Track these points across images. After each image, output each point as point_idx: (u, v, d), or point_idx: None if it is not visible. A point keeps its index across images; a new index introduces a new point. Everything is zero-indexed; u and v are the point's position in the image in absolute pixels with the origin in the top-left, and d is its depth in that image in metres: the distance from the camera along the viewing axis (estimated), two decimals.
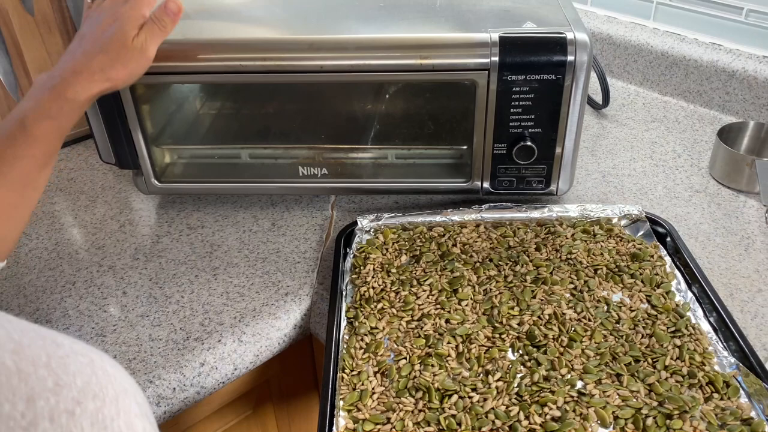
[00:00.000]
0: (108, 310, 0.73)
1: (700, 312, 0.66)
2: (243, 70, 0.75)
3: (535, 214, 0.80)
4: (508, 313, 0.66)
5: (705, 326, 0.65)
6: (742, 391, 0.58)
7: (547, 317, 0.66)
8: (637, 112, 1.09)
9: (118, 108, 0.78)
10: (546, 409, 0.57)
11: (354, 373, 0.61)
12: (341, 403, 0.58)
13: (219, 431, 0.76)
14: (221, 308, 0.73)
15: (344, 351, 0.64)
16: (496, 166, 0.80)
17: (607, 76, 1.08)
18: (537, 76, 0.73)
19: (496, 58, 0.72)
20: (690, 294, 0.68)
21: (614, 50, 1.17)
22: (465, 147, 0.83)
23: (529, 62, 0.72)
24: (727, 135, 0.92)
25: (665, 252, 0.74)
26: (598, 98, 1.08)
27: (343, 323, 0.67)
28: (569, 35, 0.72)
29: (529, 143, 0.77)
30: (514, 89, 0.74)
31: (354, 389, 0.60)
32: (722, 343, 0.63)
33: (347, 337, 0.65)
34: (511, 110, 0.75)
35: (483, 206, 0.80)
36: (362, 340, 0.65)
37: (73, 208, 0.91)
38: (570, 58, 0.72)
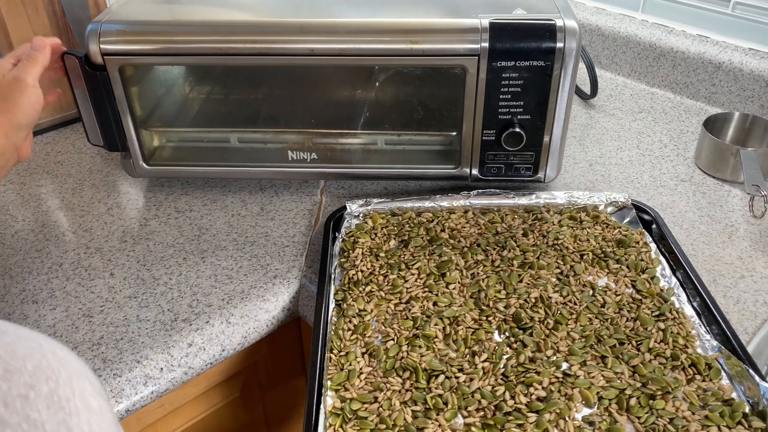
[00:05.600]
0: (95, 291, 0.73)
1: (683, 297, 0.67)
2: (233, 52, 0.75)
3: (523, 200, 0.80)
4: (495, 296, 0.67)
5: (688, 311, 0.66)
6: (723, 373, 0.59)
7: (533, 300, 0.66)
8: (624, 102, 1.10)
9: (107, 90, 0.78)
10: (531, 390, 0.57)
11: (342, 353, 0.62)
12: (329, 383, 0.59)
13: (206, 413, 0.77)
14: (209, 290, 0.73)
15: (332, 332, 0.64)
16: (484, 153, 0.81)
17: (596, 67, 1.08)
18: (526, 62, 0.73)
19: (486, 44, 0.72)
20: (674, 279, 0.69)
21: (603, 41, 1.18)
22: (454, 133, 0.83)
23: (519, 48, 0.72)
24: (713, 125, 0.93)
25: (650, 238, 0.75)
26: (587, 89, 1.09)
27: (332, 305, 0.67)
28: (559, 22, 0.73)
29: (517, 130, 0.77)
30: (503, 75, 0.74)
31: (342, 369, 0.60)
32: (705, 327, 0.64)
33: (335, 319, 0.66)
34: (501, 96, 0.76)
35: (471, 192, 0.81)
36: (350, 321, 0.65)
37: (60, 190, 0.91)
38: (559, 44, 0.72)
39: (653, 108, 1.08)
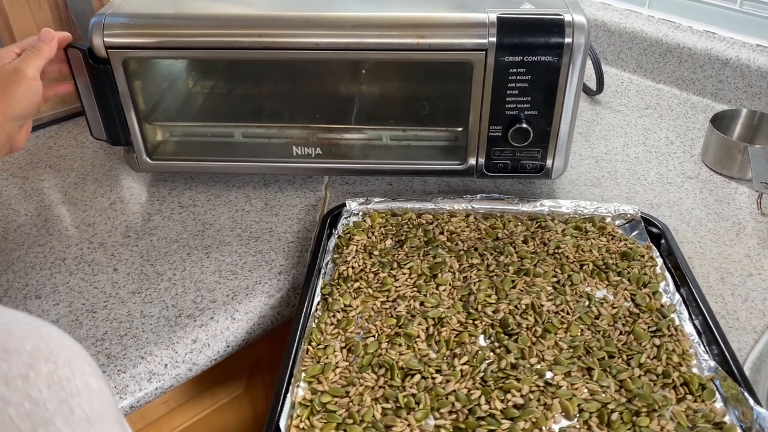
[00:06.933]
0: (98, 287, 0.73)
1: (685, 314, 0.64)
2: (238, 46, 0.75)
3: (527, 207, 0.78)
4: (485, 300, 0.66)
5: (688, 328, 0.63)
6: (718, 395, 0.56)
7: (523, 307, 0.65)
8: (630, 99, 1.10)
9: (110, 84, 0.77)
10: (509, 396, 0.56)
11: (320, 346, 0.61)
12: (303, 374, 0.58)
13: (210, 409, 0.76)
14: (214, 286, 0.72)
15: (314, 325, 0.63)
16: (491, 149, 0.80)
17: (602, 63, 1.08)
18: (534, 57, 0.72)
19: (494, 39, 0.72)
20: (677, 296, 0.66)
21: (608, 37, 1.17)
22: (460, 129, 0.83)
23: (527, 43, 0.72)
24: (720, 122, 0.92)
25: (657, 253, 0.72)
26: (593, 84, 1.08)
27: (317, 299, 0.67)
28: (567, 17, 0.72)
29: (524, 126, 0.77)
30: (511, 71, 0.73)
31: (318, 362, 0.60)
32: (704, 346, 0.61)
33: (320, 313, 0.65)
34: (508, 92, 0.75)
35: (475, 196, 0.79)
36: (334, 316, 0.65)
37: (63, 185, 0.90)
38: (567, 40, 0.71)
39: (659, 104, 1.08)
